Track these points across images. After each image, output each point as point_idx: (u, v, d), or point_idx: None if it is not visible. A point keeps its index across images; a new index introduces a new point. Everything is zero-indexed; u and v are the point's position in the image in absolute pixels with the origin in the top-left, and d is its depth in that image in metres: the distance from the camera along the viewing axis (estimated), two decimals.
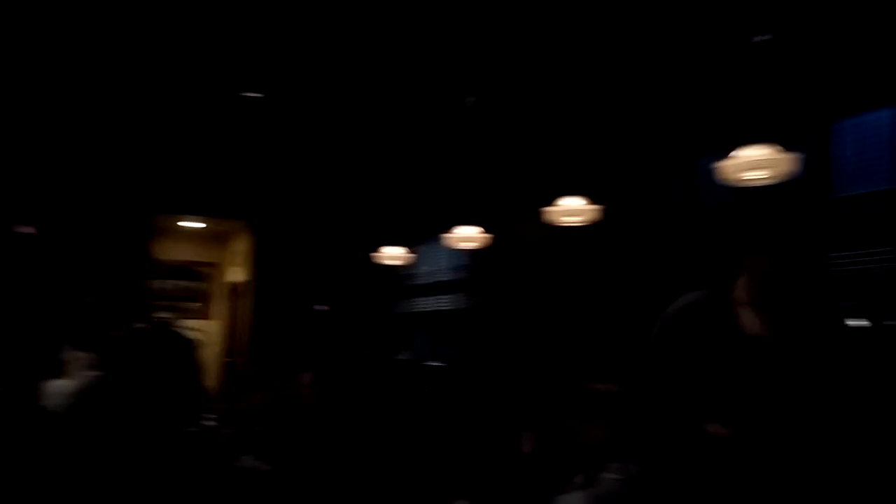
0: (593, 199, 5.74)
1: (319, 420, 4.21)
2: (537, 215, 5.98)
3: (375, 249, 7.63)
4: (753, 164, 3.99)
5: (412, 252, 8.14)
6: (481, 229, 6.73)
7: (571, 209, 5.84)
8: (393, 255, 7.70)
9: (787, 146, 4.03)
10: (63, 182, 7.91)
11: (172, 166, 8.23)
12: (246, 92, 6.59)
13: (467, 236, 6.84)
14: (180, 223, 9.67)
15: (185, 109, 6.89)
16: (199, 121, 7.20)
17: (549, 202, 5.85)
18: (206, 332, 9.47)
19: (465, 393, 6.41)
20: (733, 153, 4.07)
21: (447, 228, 6.69)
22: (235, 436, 3.88)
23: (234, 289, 10.18)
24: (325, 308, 8.56)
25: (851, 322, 4.11)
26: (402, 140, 7.43)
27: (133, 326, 7.29)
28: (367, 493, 3.05)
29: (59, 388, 5.03)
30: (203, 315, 10.46)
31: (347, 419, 4.41)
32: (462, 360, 7.51)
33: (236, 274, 10.17)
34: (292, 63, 6.01)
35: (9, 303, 6.59)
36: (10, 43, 5.40)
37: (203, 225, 10.02)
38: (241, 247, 9.94)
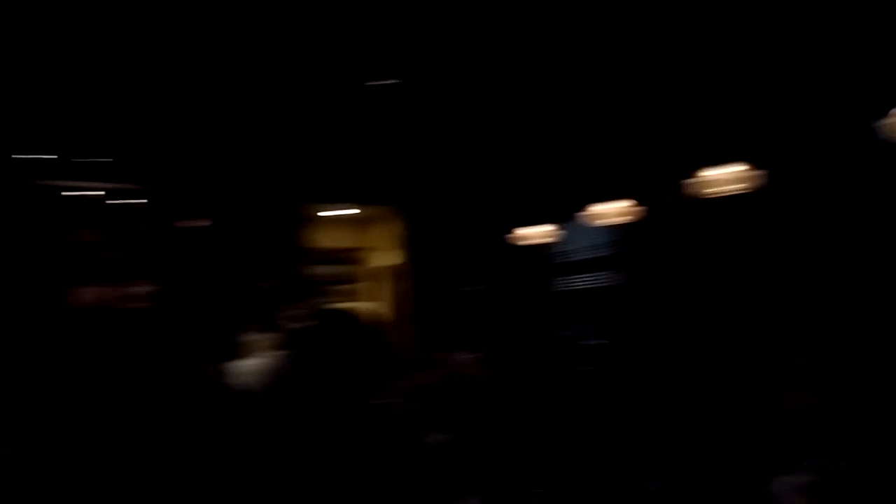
0: (753, 166, 5.33)
1: (490, 399, 4.22)
2: (690, 186, 5.65)
3: (525, 227, 7.56)
4: None
5: (563, 229, 8.00)
6: (633, 202, 6.48)
7: (726, 177, 5.47)
8: (542, 232, 7.60)
9: None
10: (229, 177, 8.48)
11: (322, 157, 8.57)
12: (392, 78, 6.69)
13: (619, 210, 6.62)
14: (331, 211, 10.07)
15: (334, 99, 7.10)
16: (344, 110, 7.41)
17: (703, 170, 5.50)
18: (367, 314, 9.84)
19: (629, 372, 6.22)
20: None
21: (598, 203, 6.49)
22: (414, 413, 3.97)
23: (388, 272, 10.49)
24: (479, 289, 8.61)
25: None
26: (551, 116, 7.27)
27: (312, 309, 7.74)
28: (544, 471, 2.99)
29: (244, 368, 5.40)
30: (357, 299, 10.86)
31: (517, 398, 4.39)
32: (622, 339, 7.29)
33: (388, 258, 10.47)
34: (439, 47, 6.03)
35: (192, 288, 7.14)
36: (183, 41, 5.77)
37: (353, 211, 10.39)
38: (392, 231, 10.22)
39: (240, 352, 5.83)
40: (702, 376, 4.84)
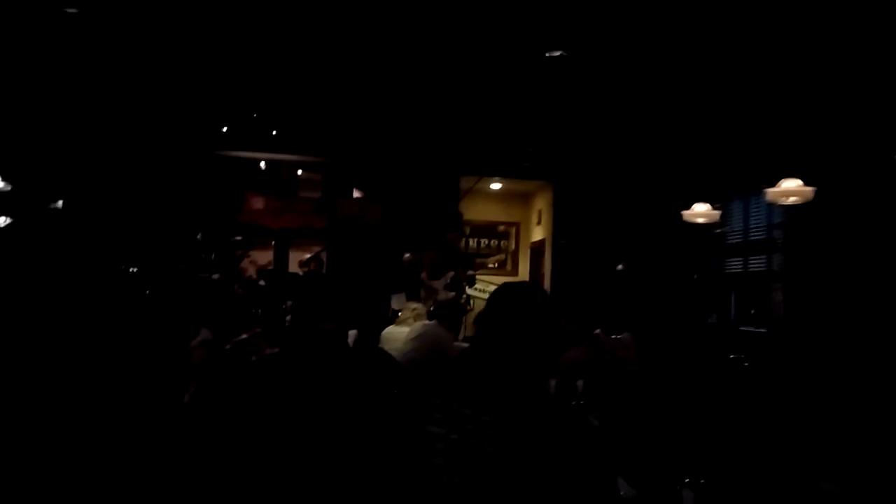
0: None
1: (642, 381, 4.12)
2: (871, 164, 5.07)
3: (684, 206, 7.21)
4: None
5: (723, 209, 7.54)
6: (801, 182, 5.96)
7: None
8: (702, 212, 7.21)
9: None
10: (392, 149, 8.85)
11: (478, 129, 8.66)
12: (555, 50, 6.57)
13: (787, 190, 6.12)
14: (485, 184, 10.18)
15: (489, 72, 7.10)
16: (501, 83, 7.39)
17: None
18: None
19: (788, 364, 5.80)
20: None
21: (763, 183, 6.04)
22: (559, 389, 3.98)
23: (537, 247, 10.49)
24: (628, 267, 8.38)
25: None
26: (710, 89, 6.83)
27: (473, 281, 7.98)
28: (698, 461, 2.87)
29: (396, 334, 5.66)
30: (507, 273, 10.97)
31: (668, 382, 4.25)
32: (782, 328, 6.79)
33: (538, 232, 10.46)
34: (593, 20, 5.83)
35: (352, 260, 7.55)
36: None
37: (506, 185, 10.44)
38: (543, 206, 10.18)
39: (393, 319, 6.12)
40: (870, 371, 4.41)
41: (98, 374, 2.83)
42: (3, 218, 9.02)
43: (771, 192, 6.08)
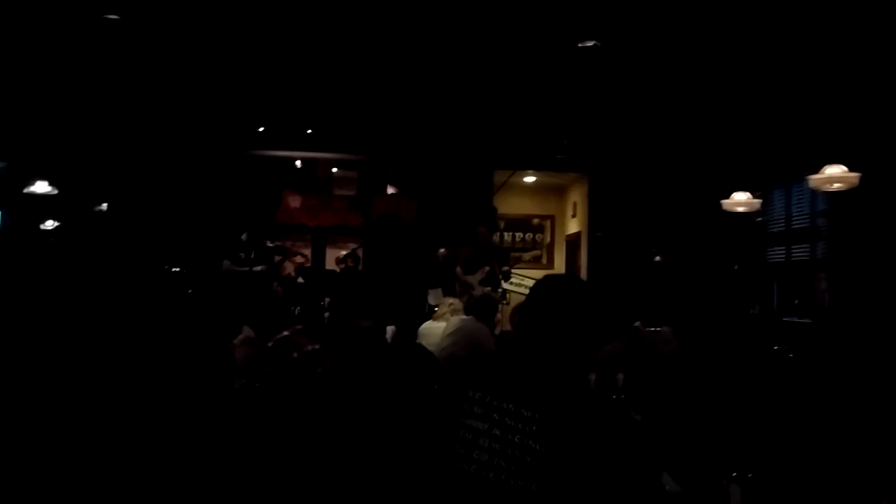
0: None
1: (683, 374, 4.07)
2: None
3: (723, 195, 7.08)
4: None
5: (764, 197, 7.39)
6: (846, 168, 5.80)
7: None
8: (742, 201, 7.07)
9: None
10: (427, 145, 8.88)
11: (511, 123, 8.62)
12: (581, 42, 6.51)
13: (831, 177, 5.96)
14: (519, 178, 10.14)
15: (521, 65, 7.05)
16: (534, 76, 7.34)
17: None
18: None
19: (838, 353, 5.66)
20: None
21: (805, 170, 5.89)
22: (599, 383, 3.95)
23: (573, 240, 10.42)
24: (666, 259, 8.27)
25: None
26: (749, 74, 6.69)
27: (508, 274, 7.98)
28: (744, 455, 2.83)
29: (433, 329, 5.68)
30: (543, 266, 10.92)
31: (710, 375, 4.19)
32: (828, 319, 6.63)
33: (573, 225, 10.39)
34: (625, 9, 5.75)
35: (388, 256, 7.60)
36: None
37: (540, 179, 10.39)
38: (578, 198, 10.11)
39: (430, 315, 6.14)
40: None
41: (147, 370, 2.91)
42: (51, 221, 9.29)
43: (814, 179, 5.94)
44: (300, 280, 7.98)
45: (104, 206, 9.24)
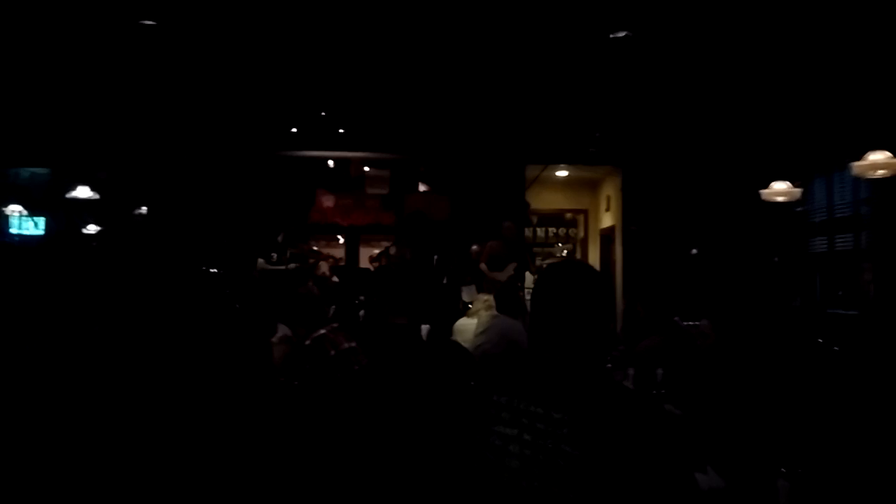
0: None
1: (721, 367, 3.99)
2: None
3: (762, 185, 6.93)
4: None
5: (805, 186, 7.21)
6: (890, 154, 5.62)
7: None
8: (782, 190, 6.91)
9: None
10: (460, 142, 8.87)
11: (543, 117, 8.55)
12: (612, 32, 6.41)
13: (875, 163, 5.78)
14: (551, 172, 10.06)
15: (550, 57, 6.98)
16: (564, 68, 7.26)
17: None
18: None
19: (886, 345, 5.49)
20: None
21: (848, 157, 5.73)
22: (637, 377, 3.91)
23: (607, 234, 10.31)
24: (703, 252, 8.13)
25: None
26: (786, 59, 6.52)
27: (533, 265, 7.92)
28: (787, 449, 2.76)
29: (467, 326, 5.67)
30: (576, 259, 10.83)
31: (753, 368, 4.10)
32: (876, 308, 6.44)
33: (607, 219, 10.28)
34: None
35: (419, 254, 7.61)
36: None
37: (569, 173, 10.30)
38: (611, 192, 9.99)
39: (465, 311, 6.13)
40: None
41: (188, 369, 2.97)
42: (93, 225, 9.52)
43: (857, 166, 5.78)
44: (335, 279, 8.04)
45: (144, 209, 9.43)
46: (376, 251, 9.37)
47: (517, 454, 1.53)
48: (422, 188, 10.28)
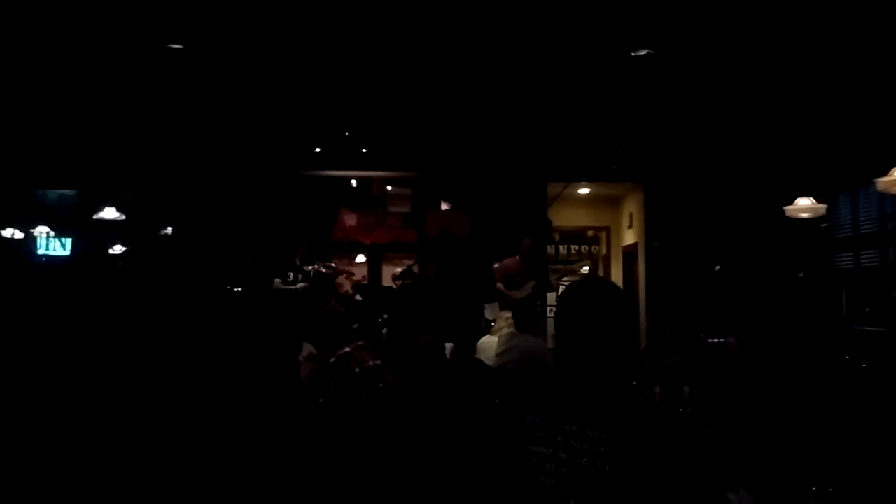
0: None
1: (749, 384, 3.95)
2: None
3: (786, 201, 6.87)
4: None
5: (829, 202, 7.14)
6: None
7: None
8: (806, 206, 6.84)
9: None
10: (477, 159, 8.91)
11: (564, 134, 8.57)
12: (634, 50, 6.44)
13: None
14: (572, 190, 10.05)
15: (571, 74, 7.00)
16: (585, 85, 7.28)
17: None
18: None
19: None
20: None
21: (872, 172, 5.67)
22: (663, 395, 3.87)
23: (629, 251, 10.26)
24: (727, 268, 8.05)
25: None
26: (808, 73, 6.49)
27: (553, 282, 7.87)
28: (819, 467, 2.72)
29: (491, 344, 5.66)
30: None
31: (776, 386, 4.05)
32: None
33: (630, 236, 10.23)
34: (681, 17, 5.66)
35: (444, 272, 7.62)
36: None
37: (591, 190, 10.29)
38: (634, 209, 9.96)
39: (488, 329, 6.13)
40: None
41: (216, 388, 3.00)
42: (119, 246, 9.69)
43: (881, 182, 5.71)
44: (358, 297, 8.07)
45: (169, 229, 9.58)
46: (399, 269, 9.40)
47: (552, 473, 1.54)
48: (444, 206, 10.32)
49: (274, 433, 2.86)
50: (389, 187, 10.40)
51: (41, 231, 10.20)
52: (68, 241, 10.41)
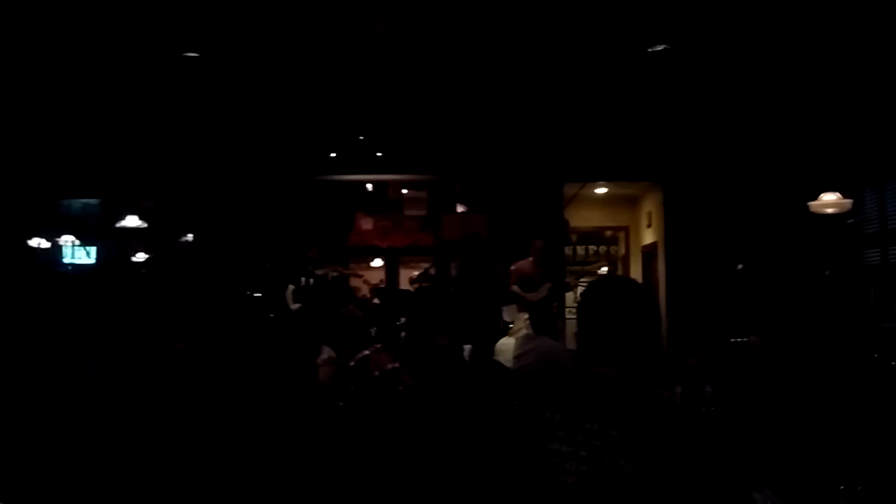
0: None
1: (771, 384, 3.88)
2: None
3: (810, 197, 6.77)
4: None
5: (855, 197, 7.02)
6: None
7: None
8: (832, 202, 6.74)
9: None
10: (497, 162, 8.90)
11: (580, 134, 8.53)
12: (651, 46, 6.37)
13: None
14: (589, 190, 9.99)
15: (587, 72, 6.95)
16: (601, 83, 7.23)
17: None
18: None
19: None
20: None
21: None
22: (685, 395, 3.82)
23: (649, 250, 10.17)
24: (749, 266, 7.94)
25: None
26: (831, 66, 6.38)
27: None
28: (844, 467, 2.66)
29: (509, 345, 5.63)
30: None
31: (800, 385, 3.98)
32: None
33: (649, 235, 10.15)
34: (699, 11, 5.60)
35: (467, 275, 7.60)
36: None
37: (608, 190, 10.22)
38: (652, 208, 9.88)
39: (506, 331, 6.11)
40: None
41: (236, 393, 3.02)
42: (142, 253, 9.81)
43: None
44: (376, 301, 8.09)
45: (189, 236, 9.68)
46: (416, 272, 9.40)
47: (573, 471, 1.54)
48: (459, 209, 10.31)
49: (294, 436, 2.87)
50: (405, 191, 10.43)
51: (66, 240, 10.36)
52: (93, 250, 10.56)
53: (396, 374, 3.58)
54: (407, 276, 9.83)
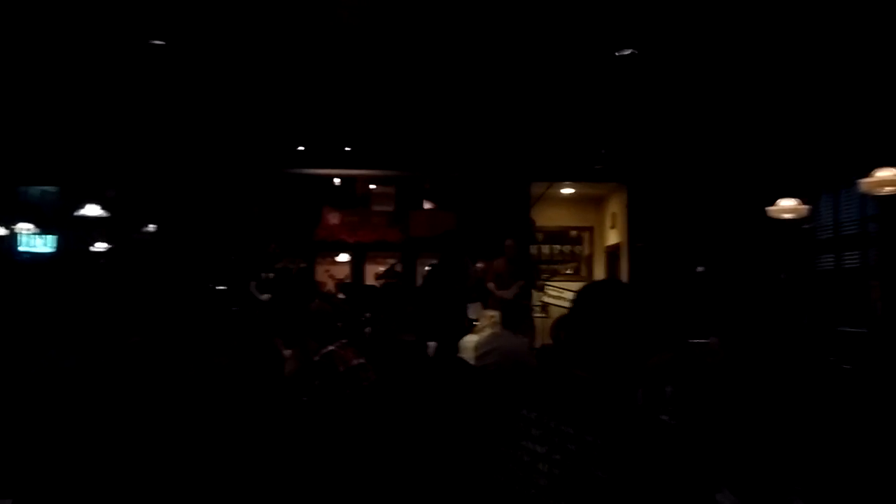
0: None
1: (728, 384, 3.97)
2: None
3: (768, 202, 6.93)
4: None
5: (813, 203, 7.21)
6: None
7: None
8: (789, 207, 6.91)
9: None
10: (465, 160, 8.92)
11: (548, 134, 8.60)
12: (618, 50, 6.46)
13: (882, 180, 5.79)
14: (556, 190, 10.08)
15: (555, 74, 7.01)
16: (569, 85, 7.30)
17: None
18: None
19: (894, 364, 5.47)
20: None
21: (855, 173, 5.74)
22: (646, 395, 3.88)
23: (612, 251, 10.30)
24: (709, 269, 8.11)
25: None
26: (791, 75, 6.55)
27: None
28: (802, 468, 2.75)
29: (469, 343, 5.66)
30: (582, 278, 10.81)
31: (758, 385, 4.08)
32: (885, 326, 6.41)
33: (613, 236, 10.28)
34: (665, 16, 5.70)
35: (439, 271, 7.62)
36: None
37: (574, 190, 10.32)
38: (617, 209, 10.01)
39: (469, 328, 6.13)
40: None
41: (197, 386, 2.98)
42: (102, 243, 9.58)
43: (864, 183, 5.78)
44: (341, 296, 8.04)
45: (152, 227, 9.48)
46: (382, 268, 9.37)
47: (546, 473, 1.51)
48: (427, 205, 10.31)
49: (258, 430, 2.85)
50: (373, 186, 10.38)
51: (24, 228, 10.06)
52: (51, 239, 10.28)
53: (361, 370, 3.56)
54: (373, 272, 9.79)
